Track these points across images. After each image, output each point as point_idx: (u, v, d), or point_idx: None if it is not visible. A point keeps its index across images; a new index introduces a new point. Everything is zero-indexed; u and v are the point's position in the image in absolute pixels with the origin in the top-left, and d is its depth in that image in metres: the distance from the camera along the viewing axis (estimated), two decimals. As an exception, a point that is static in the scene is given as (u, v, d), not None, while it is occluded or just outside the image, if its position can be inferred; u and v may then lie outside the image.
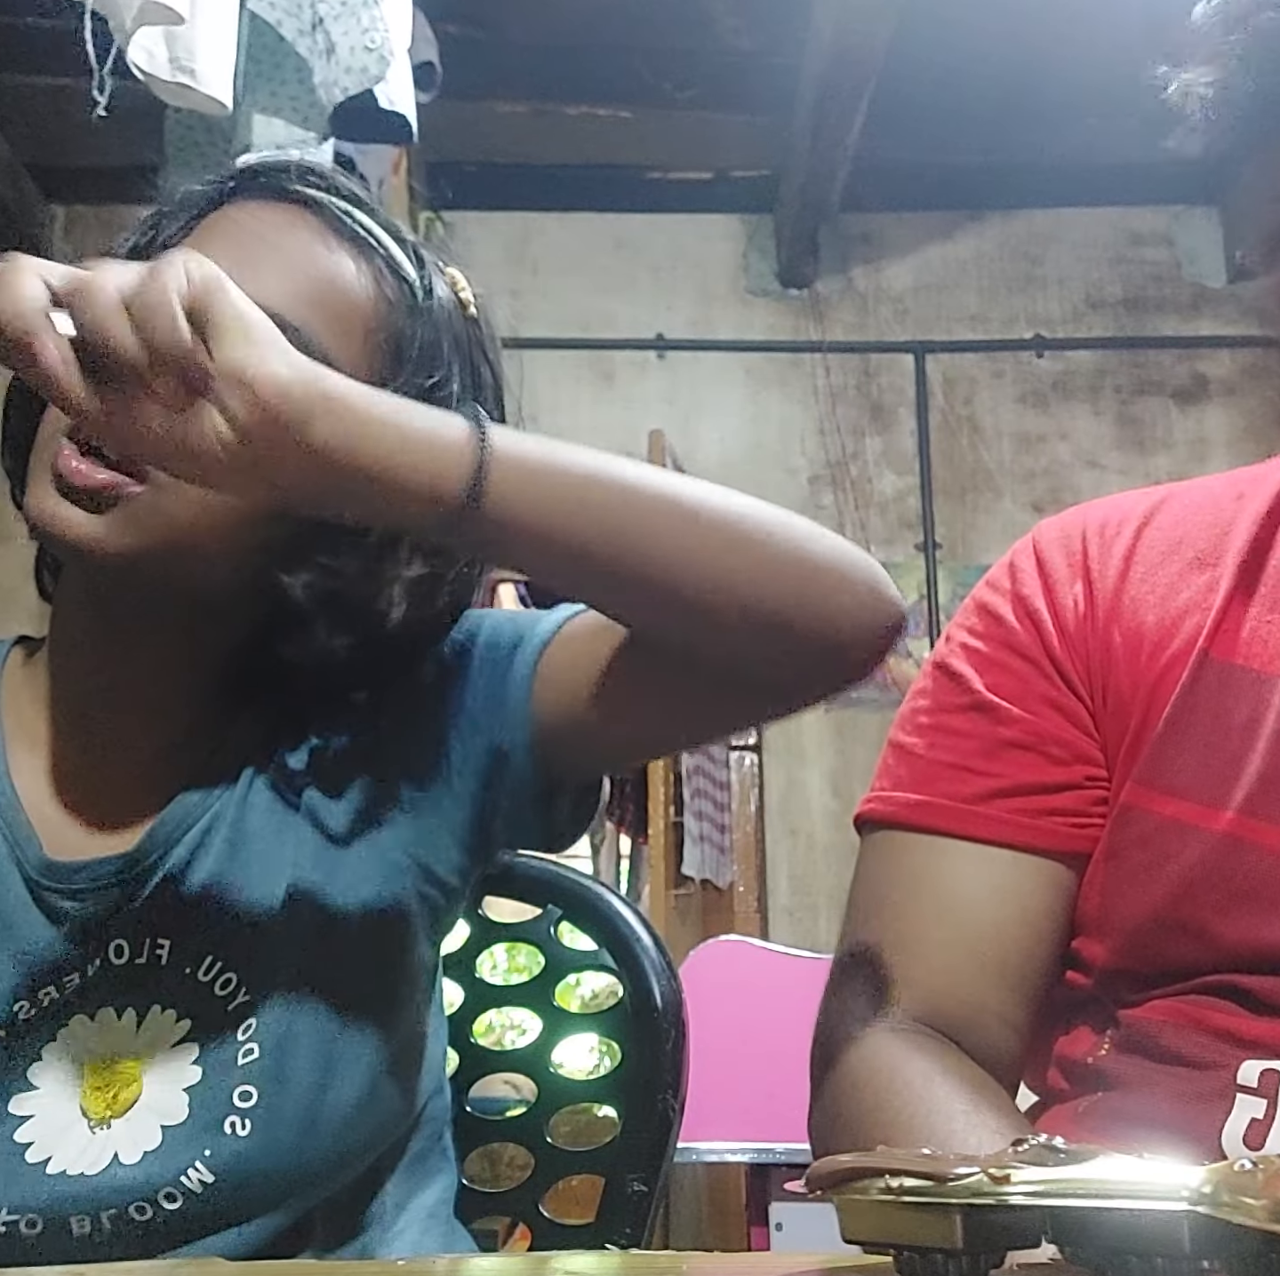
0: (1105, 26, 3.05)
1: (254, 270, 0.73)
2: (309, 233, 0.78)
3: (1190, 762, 0.75)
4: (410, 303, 0.80)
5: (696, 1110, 1.10)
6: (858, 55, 3.14)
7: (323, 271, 0.77)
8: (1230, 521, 0.81)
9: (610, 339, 4.07)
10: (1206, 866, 0.73)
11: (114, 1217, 0.73)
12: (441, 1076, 0.90)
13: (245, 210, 0.79)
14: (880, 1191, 0.43)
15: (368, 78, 1.85)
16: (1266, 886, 0.72)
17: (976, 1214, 0.42)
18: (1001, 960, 0.78)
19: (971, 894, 0.78)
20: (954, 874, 0.79)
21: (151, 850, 0.78)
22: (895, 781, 0.83)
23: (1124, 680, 0.79)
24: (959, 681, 0.82)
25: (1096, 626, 0.80)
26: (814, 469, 4.01)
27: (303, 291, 0.75)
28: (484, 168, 3.98)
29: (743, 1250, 2.32)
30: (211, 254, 0.66)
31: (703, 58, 3.58)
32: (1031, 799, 0.79)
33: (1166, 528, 0.83)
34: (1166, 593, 0.80)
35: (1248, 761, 0.74)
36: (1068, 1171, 0.41)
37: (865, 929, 0.80)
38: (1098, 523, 0.84)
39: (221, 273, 0.61)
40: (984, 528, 3.93)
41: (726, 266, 4.18)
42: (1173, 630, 0.79)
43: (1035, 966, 0.79)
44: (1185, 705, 0.76)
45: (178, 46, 1.61)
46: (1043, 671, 0.81)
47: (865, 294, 4.16)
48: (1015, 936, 0.78)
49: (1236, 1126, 0.69)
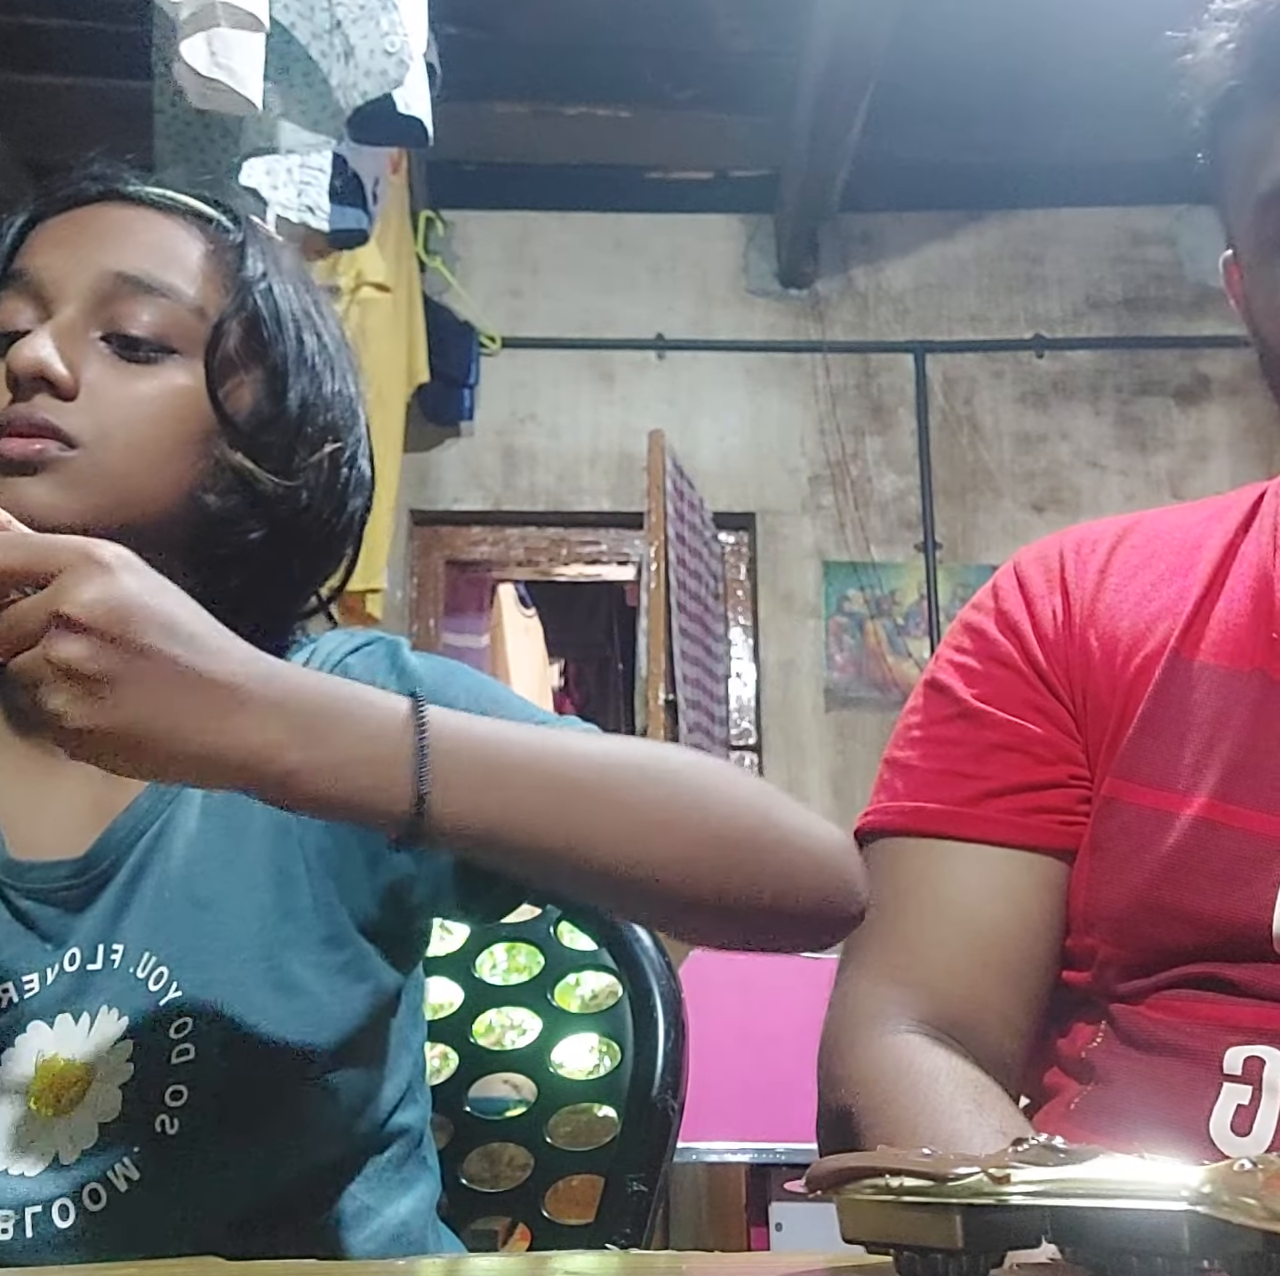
0: (1105, 26, 3.05)
1: (99, 252, 0.80)
2: (127, 213, 0.83)
3: (1165, 754, 0.79)
4: (236, 247, 0.85)
5: (696, 1110, 1.10)
6: (858, 55, 3.13)
7: (157, 238, 0.83)
8: (1201, 538, 0.86)
9: (610, 339, 4.07)
10: (1183, 850, 0.76)
11: (37, 1218, 0.72)
12: (416, 1086, 0.88)
13: (62, 218, 0.83)
14: (880, 1191, 0.44)
15: (387, 81, 1.85)
16: (1240, 865, 0.74)
17: (976, 1214, 0.42)
18: (1002, 959, 0.80)
19: (969, 893, 0.81)
20: (951, 874, 0.82)
21: (103, 856, 0.78)
22: (891, 793, 0.86)
23: (1101, 682, 0.83)
24: (947, 693, 0.87)
25: (1074, 633, 0.85)
26: (814, 469, 4.01)
27: (149, 256, 0.81)
28: (484, 167, 3.98)
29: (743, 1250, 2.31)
30: (49, 252, 0.80)
31: (703, 58, 3.58)
32: (1020, 797, 0.82)
33: (1140, 545, 0.88)
34: (1140, 601, 0.84)
35: (1218, 750, 0.77)
36: (1068, 1171, 0.41)
37: (868, 933, 0.81)
38: (1074, 543, 0.89)
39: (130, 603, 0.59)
40: (984, 527, 3.93)
41: (726, 266, 4.18)
42: (1146, 634, 0.83)
43: (1034, 965, 0.81)
44: (1159, 702, 0.80)
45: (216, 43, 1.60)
46: (1025, 678, 0.85)
47: (865, 294, 4.16)
48: (1013, 934, 0.81)
49: (1223, 1114, 0.71)
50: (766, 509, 4.00)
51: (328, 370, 0.86)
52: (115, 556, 0.59)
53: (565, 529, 4.01)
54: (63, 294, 0.79)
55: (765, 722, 3.86)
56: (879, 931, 0.82)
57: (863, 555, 3.89)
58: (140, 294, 0.80)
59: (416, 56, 1.90)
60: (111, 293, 0.80)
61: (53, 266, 0.80)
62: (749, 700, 3.92)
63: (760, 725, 3.88)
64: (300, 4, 1.82)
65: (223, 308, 0.82)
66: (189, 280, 0.82)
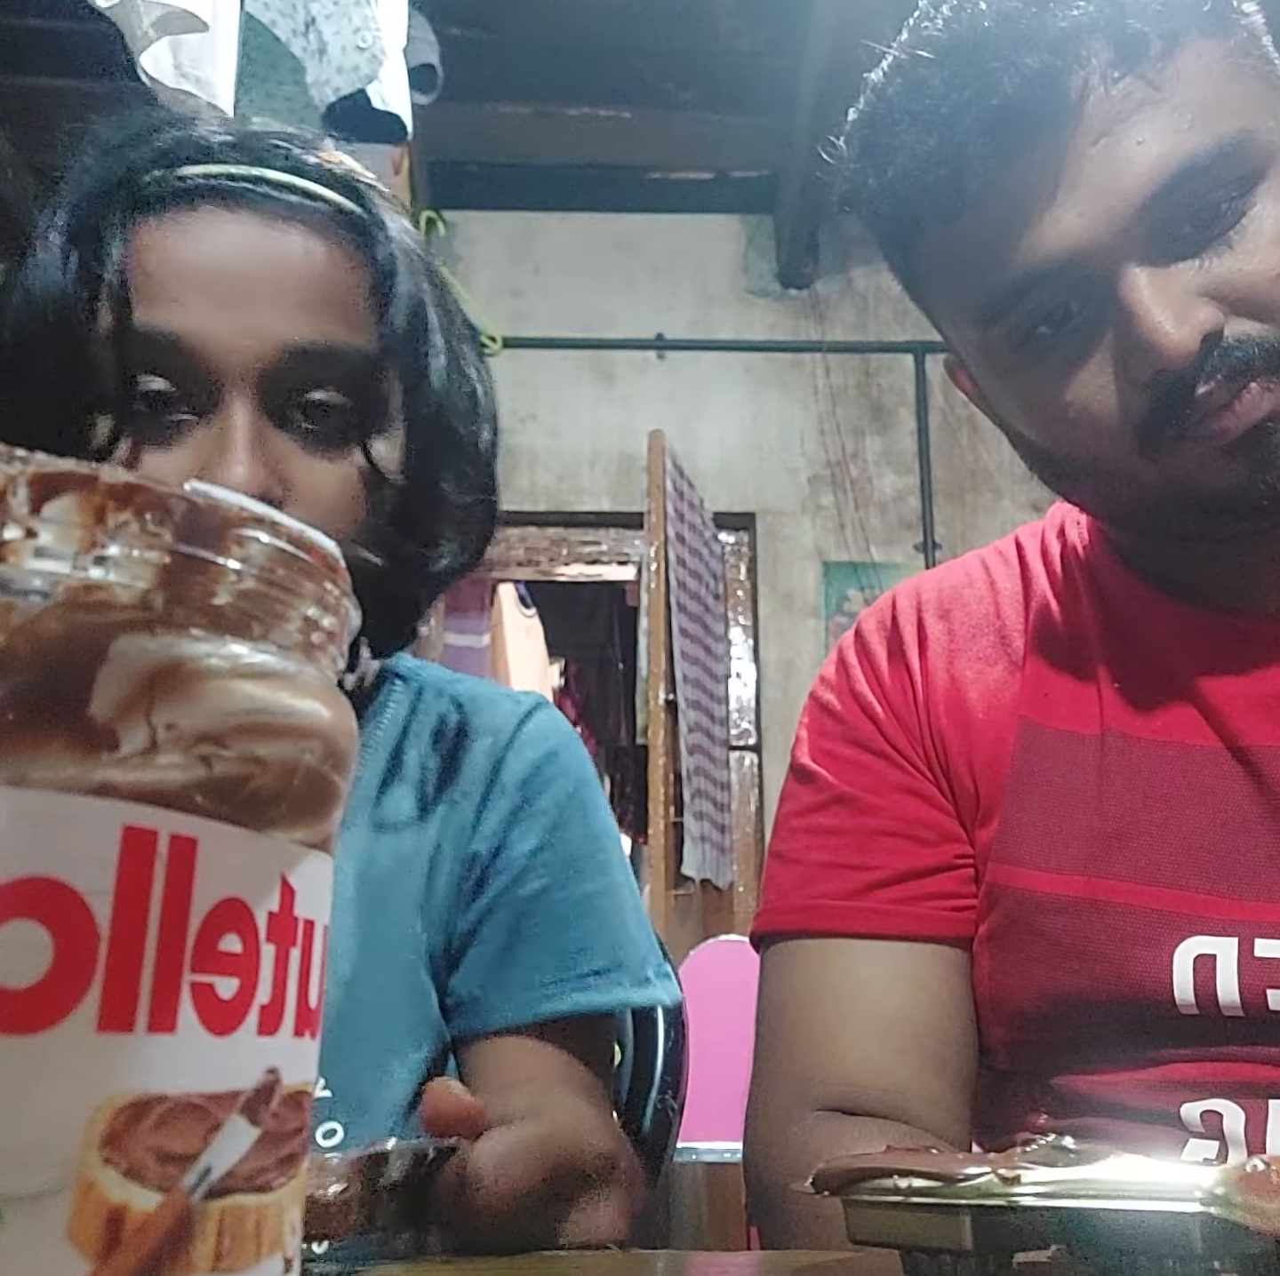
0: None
1: (265, 315, 0.69)
2: (275, 236, 0.72)
3: (1034, 832, 0.76)
4: (370, 246, 0.75)
5: (696, 1110, 1.09)
6: (857, 56, 3.13)
7: (315, 274, 0.72)
8: (1002, 600, 0.84)
9: (610, 339, 4.07)
10: (1074, 934, 0.73)
11: None
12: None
13: (195, 226, 0.72)
14: (888, 1192, 0.43)
15: (359, 77, 1.85)
16: (1132, 944, 0.72)
17: (986, 1215, 0.41)
18: (918, 1044, 0.76)
19: (872, 987, 0.77)
20: (851, 971, 0.78)
21: None
22: (779, 891, 0.83)
23: (959, 759, 0.80)
24: (816, 780, 0.83)
25: (924, 711, 0.82)
26: (814, 469, 4.01)
27: (316, 310, 0.71)
28: (485, 168, 3.98)
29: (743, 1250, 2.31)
30: (202, 310, 0.67)
31: (703, 58, 3.58)
32: (907, 886, 0.79)
33: (971, 604, 0.85)
34: (982, 667, 0.82)
35: (1086, 822, 0.75)
36: (1078, 1172, 0.41)
37: (775, 1039, 0.79)
38: (908, 607, 0.87)
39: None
40: (984, 527, 3.93)
41: (726, 266, 4.18)
42: (994, 703, 0.80)
43: (953, 1045, 0.78)
44: (1021, 776, 0.78)
45: (182, 53, 1.60)
46: (891, 761, 0.82)
47: (865, 294, 4.16)
48: (925, 1020, 0.77)
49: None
50: (766, 509, 4.00)
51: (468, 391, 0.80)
52: None
53: (565, 529, 4.01)
54: (230, 372, 0.69)
55: (765, 722, 3.86)
56: (786, 1036, 0.78)
57: (863, 555, 3.89)
58: (313, 363, 0.70)
59: (392, 52, 1.89)
60: (285, 369, 0.70)
61: (215, 336, 0.69)
62: (749, 700, 3.92)
63: (760, 725, 3.88)
64: (281, 2, 1.82)
65: (373, 344, 0.73)
66: (351, 327, 0.73)
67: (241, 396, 0.69)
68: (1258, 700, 0.74)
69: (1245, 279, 0.66)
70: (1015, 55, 0.67)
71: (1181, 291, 0.66)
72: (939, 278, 0.76)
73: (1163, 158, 0.66)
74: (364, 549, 0.72)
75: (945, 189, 0.70)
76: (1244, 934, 0.70)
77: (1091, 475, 0.73)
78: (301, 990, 0.26)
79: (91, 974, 0.22)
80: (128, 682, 0.23)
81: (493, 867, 0.78)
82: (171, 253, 0.70)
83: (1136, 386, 0.68)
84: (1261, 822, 0.72)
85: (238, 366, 0.68)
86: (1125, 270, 0.67)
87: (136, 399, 0.69)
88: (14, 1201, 0.21)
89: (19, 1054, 0.21)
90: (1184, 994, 0.70)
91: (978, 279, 0.71)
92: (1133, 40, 0.67)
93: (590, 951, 0.77)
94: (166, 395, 0.69)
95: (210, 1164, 0.23)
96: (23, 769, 0.22)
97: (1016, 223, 0.68)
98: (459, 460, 0.78)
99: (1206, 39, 0.68)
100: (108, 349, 0.68)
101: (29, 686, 0.22)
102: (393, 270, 0.74)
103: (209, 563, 0.24)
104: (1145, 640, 0.78)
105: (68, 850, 0.22)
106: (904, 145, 0.71)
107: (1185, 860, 0.72)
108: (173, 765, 0.23)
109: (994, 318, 0.71)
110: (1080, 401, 0.70)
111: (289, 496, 0.69)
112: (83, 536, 0.23)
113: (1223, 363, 0.66)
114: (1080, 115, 0.67)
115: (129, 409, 0.69)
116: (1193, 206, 0.67)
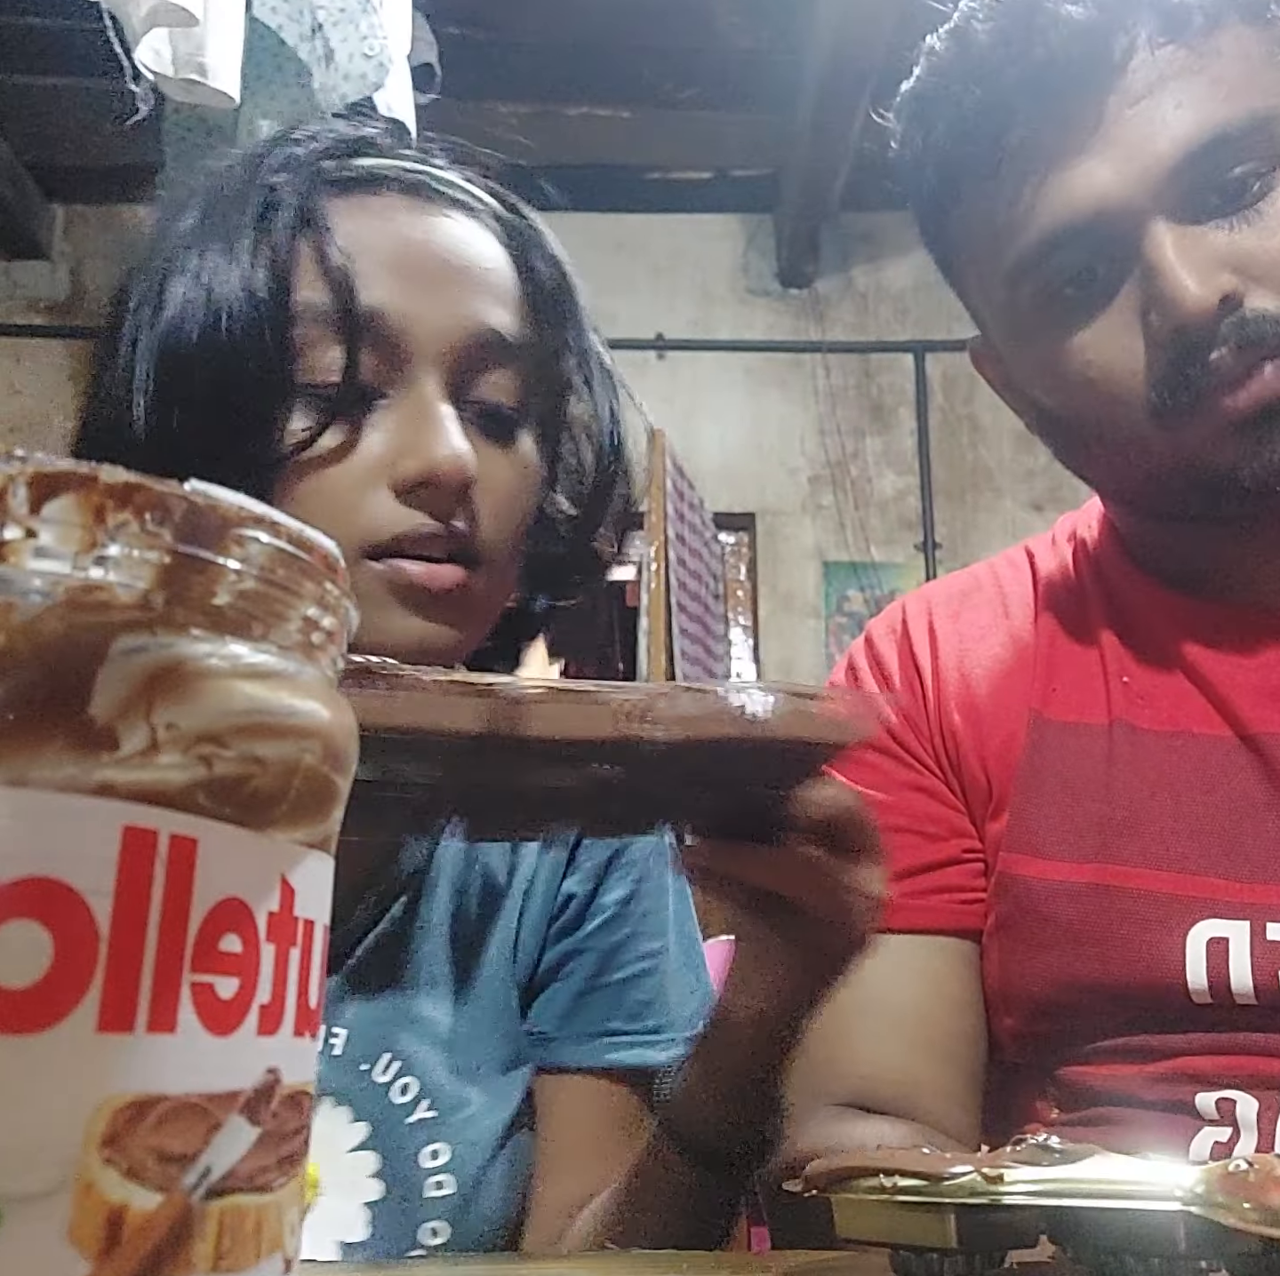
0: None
1: (461, 297, 0.68)
2: (456, 225, 0.71)
3: (1045, 822, 0.77)
4: (526, 253, 0.76)
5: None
6: (858, 54, 3.13)
7: (493, 268, 0.71)
8: (1015, 599, 0.86)
9: (610, 338, 4.06)
10: (1086, 921, 0.74)
11: None
12: None
13: (384, 209, 0.70)
14: (876, 1191, 0.43)
15: (366, 85, 1.85)
16: (1145, 929, 0.72)
17: (970, 1213, 0.42)
18: (929, 1038, 0.77)
19: (883, 981, 0.78)
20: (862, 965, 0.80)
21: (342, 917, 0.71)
22: None
23: (971, 755, 0.81)
24: None
25: (935, 708, 0.83)
26: (814, 469, 4.02)
27: (499, 298, 0.70)
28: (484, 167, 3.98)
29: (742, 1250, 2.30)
30: (405, 291, 0.65)
31: (703, 57, 3.58)
32: (916, 880, 0.80)
33: (981, 606, 0.86)
34: (992, 664, 0.83)
35: (1096, 811, 0.76)
36: (1062, 1171, 0.41)
37: None
38: (918, 611, 0.88)
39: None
40: (984, 527, 3.93)
41: (726, 266, 4.18)
42: (1005, 700, 0.81)
43: (964, 1039, 0.78)
44: (1032, 768, 0.79)
45: (187, 43, 1.61)
46: (900, 760, 0.83)
47: (865, 293, 4.16)
48: (936, 1014, 0.78)
49: (1200, 1148, 0.70)
50: (766, 509, 4.00)
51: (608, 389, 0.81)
52: None
53: (565, 529, 4.01)
54: (423, 352, 0.66)
55: (765, 722, 3.86)
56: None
57: (863, 555, 3.89)
58: (499, 352, 0.69)
59: (398, 58, 1.90)
60: (475, 353, 0.68)
61: (415, 313, 0.66)
62: (749, 700, 3.92)
63: (760, 725, 3.88)
64: (289, 6, 1.82)
65: (539, 344, 0.73)
66: (522, 321, 0.72)
67: (432, 376, 0.66)
68: (1266, 689, 0.75)
69: (1267, 255, 0.68)
70: (1063, 9, 0.69)
71: (1204, 255, 0.68)
72: (973, 242, 0.78)
73: (1198, 123, 0.68)
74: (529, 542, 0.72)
75: (985, 141, 0.73)
76: (1256, 917, 0.71)
77: (1104, 444, 0.75)
78: (302, 990, 0.26)
79: (91, 974, 0.22)
80: (128, 683, 0.23)
81: (588, 911, 0.79)
82: (365, 232, 0.67)
83: (1154, 345, 0.69)
84: (1271, 808, 0.73)
85: (432, 346, 0.66)
86: (1152, 227, 0.69)
87: (343, 382, 0.64)
88: (14, 1201, 0.21)
89: (19, 1054, 0.21)
90: (1197, 979, 0.70)
91: (1009, 236, 0.73)
92: (1178, 11, 0.70)
93: (653, 1006, 0.78)
94: (353, 375, 0.65)
95: (210, 1164, 0.23)
96: (23, 769, 0.22)
97: (1051, 176, 0.71)
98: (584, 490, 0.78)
99: (1245, 25, 0.71)
100: (312, 328, 0.65)
101: (29, 686, 0.22)
102: (562, 285, 0.77)
103: (209, 562, 0.24)
104: (1152, 632, 0.79)
105: (68, 850, 0.22)
106: (951, 99, 0.74)
107: (1195, 845, 0.73)
108: (173, 765, 0.23)
109: (1022, 275, 0.74)
110: (1100, 361, 0.72)
111: (475, 495, 0.67)
112: (83, 536, 0.23)
113: (1238, 332, 0.68)
114: (1123, 74, 0.69)
115: (328, 392, 0.65)
116: (1221, 178, 0.69)
